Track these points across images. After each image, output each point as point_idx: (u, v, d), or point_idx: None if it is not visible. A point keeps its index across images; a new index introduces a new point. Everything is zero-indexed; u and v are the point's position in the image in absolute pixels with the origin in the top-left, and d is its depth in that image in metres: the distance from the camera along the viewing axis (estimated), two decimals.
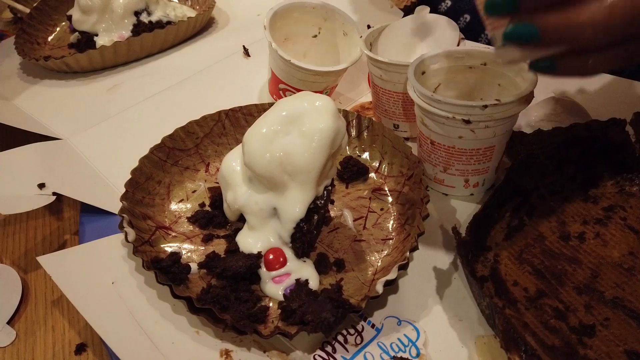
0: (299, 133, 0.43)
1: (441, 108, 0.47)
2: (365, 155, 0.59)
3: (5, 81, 0.82)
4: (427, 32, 0.58)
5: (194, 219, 0.53)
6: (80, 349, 0.50)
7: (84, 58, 0.78)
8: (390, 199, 0.54)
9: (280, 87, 0.64)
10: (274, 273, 0.46)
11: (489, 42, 0.76)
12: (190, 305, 0.42)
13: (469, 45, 0.58)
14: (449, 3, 0.85)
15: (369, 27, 0.65)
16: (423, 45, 0.56)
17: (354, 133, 0.59)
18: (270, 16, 0.62)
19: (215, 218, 0.52)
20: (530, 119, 0.56)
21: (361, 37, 0.61)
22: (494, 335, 0.41)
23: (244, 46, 0.80)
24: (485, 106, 0.45)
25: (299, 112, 0.43)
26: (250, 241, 0.48)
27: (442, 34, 0.58)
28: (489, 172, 0.53)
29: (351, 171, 0.56)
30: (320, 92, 0.47)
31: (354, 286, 0.46)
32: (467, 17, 0.82)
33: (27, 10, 0.91)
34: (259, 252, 0.47)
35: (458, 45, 0.57)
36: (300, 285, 0.45)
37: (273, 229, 0.47)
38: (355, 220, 0.52)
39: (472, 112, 0.46)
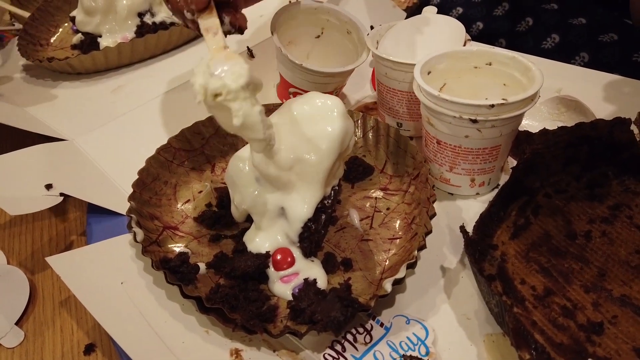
0: (308, 134, 0.43)
1: (448, 107, 0.47)
2: (371, 155, 0.59)
3: (8, 82, 0.82)
4: (434, 32, 0.58)
5: (200, 219, 0.53)
6: (89, 349, 0.50)
7: (88, 59, 0.78)
8: (396, 198, 0.54)
9: (291, 91, 0.65)
10: (282, 273, 0.46)
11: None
12: (200, 305, 0.42)
13: (475, 45, 0.58)
14: (460, 10, 0.85)
15: (372, 28, 0.66)
16: (429, 45, 0.56)
17: (359, 133, 0.59)
18: (276, 22, 0.62)
19: (222, 218, 0.52)
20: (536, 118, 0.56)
21: (368, 34, 0.61)
22: (502, 333, 0.42)
23: (247, 47, 0.80)
24: (492, 105, 0.46)
25: (308, 113, 0.44)
26: (258, 241, 0.48)
27: (449, 34, 0.58)
28: (495, 171, 0.53)
29: (357, 171, 0.57)
30: (330, 93, 0.47)
31: (362, 285, 0.46)
32: (480, 24, 0.82)
33: (27, 15, 0.91)
34: (267, 252, 0.47)
35: (464, 45, 0.57)
36: (309, 284, 0.45)
37: (281, 229, 0.47)
38: (361, 219, 0.52)
39: (479, 111, 0.46)
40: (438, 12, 0.61)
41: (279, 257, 0.46)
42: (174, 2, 0.47)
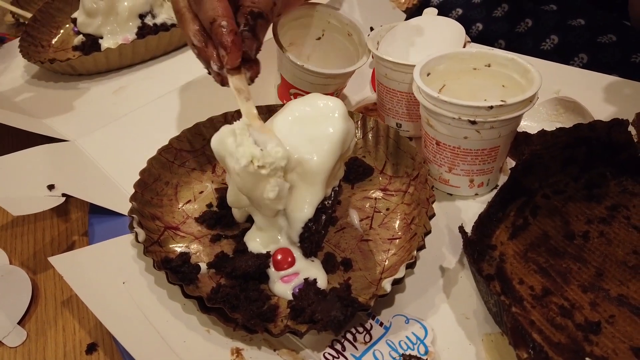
0: (309, 135, 0.44)
1: (447, 109, 0.48)
2: (371, 156, 0.59)
3: (10, 84, 0.83)
4: (434, 33, 0.58)
5: (201, 220, 0.53)
6: (91, 348, 0.50)
7: (90, 60, 0.79)
8: (395, 199, 0.54)
9: (292, 92, 0.65)
10: (282, 273, 0.46)
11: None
12: (201, 305, 0.43)
13: (474, 47, 0.58)
14: (460, 11, 0.85)
15: (372, 29, 0.66)
16: (429, 47, 0.56)
17: (359, 134, 0.60)
18: (277, 23, 0.62)
19: (222, 218, 0.53)
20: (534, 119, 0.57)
21: (368, 35, 0.62)
22: (501, 333, 0.42)
23: None
24: (491, 107, 0.46)
25: (309, 115, 0.44)
26: (258, 241, 0.48)
27: (449, 36, 0.58)
28: (494, 172, 0.54)
29: (357, 172, 0.57)
30: (331, 94, 0.48)
31: (362, 285, 0.46)
32: (480, 25, 0.83)
33: (29, 15, 0.92)
34: (268, 252, 0.47)
35: (464, 47, 0.58)
36: (309, 284, 0.45)
37: (281, 229, 0.48)
38: (361, 220, 0.53)
39: (478, 112, 0.47)
40: (438, 14, 0.62)
41: (279, 257, 0.47)
42: (203, 50, 0.47)
